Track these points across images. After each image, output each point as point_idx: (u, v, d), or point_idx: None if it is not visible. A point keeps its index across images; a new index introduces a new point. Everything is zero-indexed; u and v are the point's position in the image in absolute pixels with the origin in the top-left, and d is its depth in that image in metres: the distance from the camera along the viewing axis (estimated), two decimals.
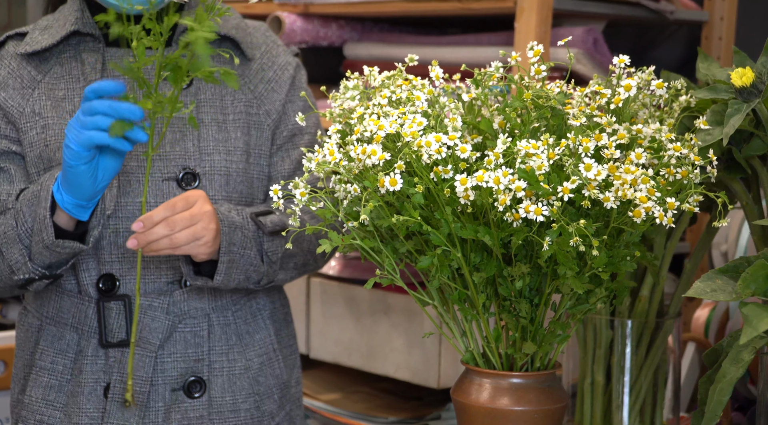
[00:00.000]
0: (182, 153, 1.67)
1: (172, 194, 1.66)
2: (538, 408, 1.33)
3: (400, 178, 1.24)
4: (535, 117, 1.30)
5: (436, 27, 2.53)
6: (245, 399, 1.74)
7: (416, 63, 1.39)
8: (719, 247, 2.16)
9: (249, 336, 1.76)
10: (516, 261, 1.30)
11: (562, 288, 1.30)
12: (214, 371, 1.71)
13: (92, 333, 1.68)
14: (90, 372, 1.68)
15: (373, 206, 1.26)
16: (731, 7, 2.39)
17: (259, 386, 1.76)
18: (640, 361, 1.59)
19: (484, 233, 1.26)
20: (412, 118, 1.27)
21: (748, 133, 1.42)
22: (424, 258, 1.29)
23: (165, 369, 1.68)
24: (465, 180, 1.22)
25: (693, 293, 1.26)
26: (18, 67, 1.69)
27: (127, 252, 1.66)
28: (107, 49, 1.69)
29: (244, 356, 1.74)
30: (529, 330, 1.33)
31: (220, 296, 1.72)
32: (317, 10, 2.36)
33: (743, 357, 1.27)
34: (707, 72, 1.51)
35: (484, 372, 1.35)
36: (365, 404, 2.35)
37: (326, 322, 2.36)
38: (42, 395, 1.70)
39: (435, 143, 1.24)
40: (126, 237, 1.65)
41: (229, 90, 1.72)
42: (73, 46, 1.70)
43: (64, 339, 1.70)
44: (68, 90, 1.68)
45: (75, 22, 1.68)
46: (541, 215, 1.22)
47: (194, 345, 1.70)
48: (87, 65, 1.68)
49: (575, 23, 2.25)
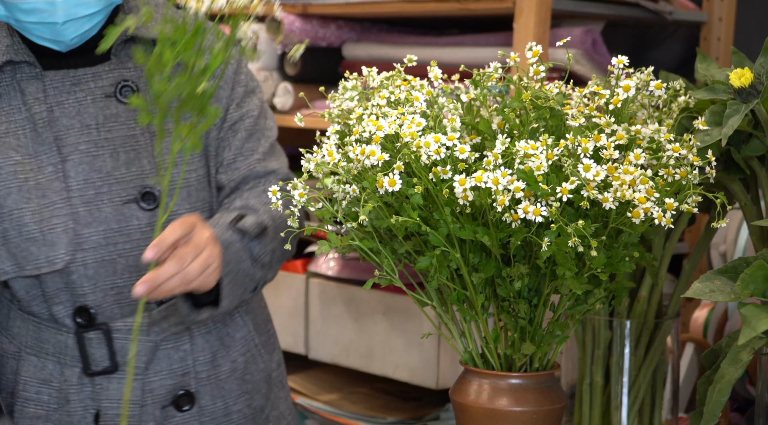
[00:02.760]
0: (139, 173, 1.61)
1: (135, 216, 1.60)
2: (536, 409, 1.33)
3: (399, 178, 1.24)
4: (533, 118, 1.30)
5: (434, 27, 2.53)
6: (236, 401, 1.72)
7: (415, 63, 1.39)
8: (718, 248, 2.16)
9: (230, 338, 1.73)
10: (515, 262, 1.30)
11: (561, 289, 1.30)
12: (201, 381, 1.68)
13: (75, 362, 1.64)
14: (77, 400, 1.64)
15: (371, 206, 1.25)
16: (730, 8, 2.39)
17: (247, 384, 1.74)
18: (638, 362, 1.59)
19: (483, 234, 1.26)
20: (411, 118, 1.27)
21: (747, 133, 1.42)
22: (422, 259, 1.29)
23: (153, 389, 1.65)
24: (464, 181, 1.22)
25: (692, 293, 1.26)
26: None
27: (98, 281, 1.61)
28: (45, 74, 1.61)
29: (228, 358, 1.72)
30: (528, 331, 1.33)
31: None
32: (316, 11, 2.36)
33: (742, 357, 1.27)
34: (706, 73, 1.51)
35: (482, 373, 1.35)
36: (364, 404, 2.35)
37: (325, 322, 2.36)
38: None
39: (434, 144, 1.24)
40: (95, 268, 1.60)
41: None
42: (8, 74, 1.62)
43: (47, 369, 1.65)
44: (9, 123, 1.60)
45: (6, 51, 1.60)
46: (539, 216, 1.22)
47: (178, 359, 1.66)
48: (28, 95, 1.60)
49: (574, 24, 2.25)
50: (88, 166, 1.60)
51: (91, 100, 1.62)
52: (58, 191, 1.59)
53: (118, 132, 1.62)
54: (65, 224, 1.58)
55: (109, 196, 1.60)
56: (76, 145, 1.60)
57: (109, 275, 1.61)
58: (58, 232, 1.58)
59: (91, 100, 1.62)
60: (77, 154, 1.60)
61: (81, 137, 1.61)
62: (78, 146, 1.60)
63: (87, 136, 1.61)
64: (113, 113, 1.62)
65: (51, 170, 1.59)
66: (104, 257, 1.60)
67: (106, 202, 1.60)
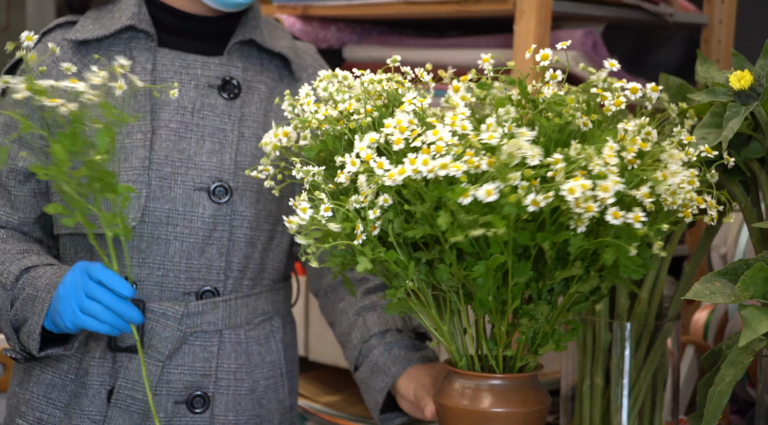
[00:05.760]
0: (218, 165, 1.66)
1: (201, 204, 1.64)
2: (519, 410, 1.33)
3: (494, 188, 1.20)
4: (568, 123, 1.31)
5: (435, 29, 2.53)
6: (247, 421, 1.72)
7: (399, 64, 1.40)
8: (718, 250, 2.16)
9: (260, 357, 1.73)
10: (562, 266, 1.29)
11: (583, 288, 1.30)
12: (220, 388, 1.69)
13: (102, 335, 1.65)
14: (96, 374, 1.66)
15: (448, 219, 1.21)
16: (730, 10, 2.40)
17: (261, 409, 1.74)
18: (639, 364, 1.59)
19: (542, 239, 1.24)
20: (487, 125, 1.24)
21: (747, 136, 1.42)
22: (478, 266, 1.26)
23: (170, 380, 1.66)
24: (547, 195, 1.20)
25: (692, 295, 1.26)
26: (62, 56, 1.65)
27: (147, 258, 1.64)
28: (159, 49, 1.67)
29: (251, 377, 1.72)
30: (545, 332, 1.33)
31: (235, 313, 1.70)
32: (316, 13, 2.36)
33: (742, 359, 1.27)
34: (706, 75, 1.51)
35: (465, 374, 1.34)
36: (364, 406, 2.35)
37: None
38: (44, 392, 1.68)
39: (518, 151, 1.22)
40: (149, 243, 1.63)
41: (274, 107, 1.72)
42: (124, 40, 1.67)
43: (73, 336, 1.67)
44: (111, 87, 1.66)
45: (131, 17, 1.65)
46: (633, 220, 1.21)
47: (203, 359, 1.67)
48: (137, 64, 1.66)
49: (574, 26, 2.25)
50: (173, 144, 1.64)
51: (194, 86, 1.67)
52: (141, 159, 1.63)
53: (210, 122, 1.67)
54: (138, 191, 1.62)
55: (183, 178, 1.64)
56: (168, 122, 1.65)
57: (161, 254, 1.64)
58: (131, 196, 1.61)
59: (194, 85, 1.67)
60: (165, 130, 1.65)
61: (174, 116, 1.65)
62: (169, 124, 1.65)
63: (180, 116, 1.65)
64: (211, 103, 1.67)
65: (140, 138, 1.63)
66: (161, 235, 1.64)
67: (179, 183, 1.64)
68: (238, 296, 1.69)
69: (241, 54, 1.71)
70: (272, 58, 1.74)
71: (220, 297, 1.67)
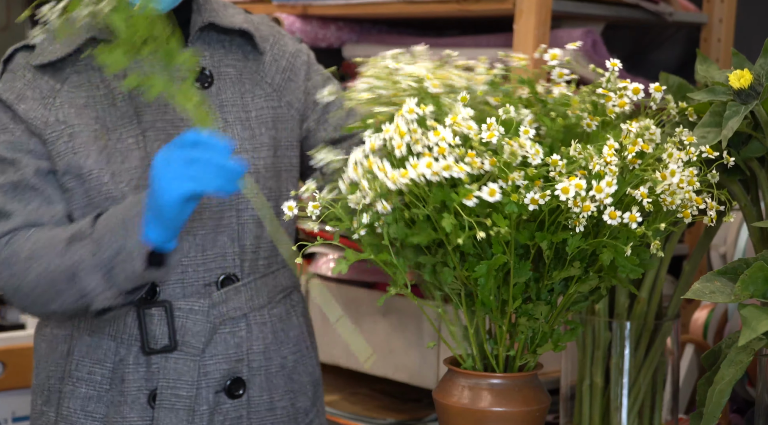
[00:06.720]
0: None
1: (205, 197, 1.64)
2: (520, 409, 1.33)
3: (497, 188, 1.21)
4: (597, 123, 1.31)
5: (434, 28, 2.53)
6: (281, 397, 1.73)
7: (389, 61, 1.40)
8: (718, 249, 2.16)
9: (284, 333, 1.75)
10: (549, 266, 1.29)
11: (581, 288, 1.30)
12: (253, 370, 1.70)
13: (132, 341, 1.65)
14: (132, 380, 1.65)
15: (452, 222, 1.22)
16: (730, 9, 2.39)
17: (293, 383, 1.75)
18: (638, 363, 1.59)
19: (541, 239, 1.25)
20: (488, 123, 1.24)
21: (747, 135, 1.42)
22: (480, 266, 1.26)
23: (208, 372, 1.67)
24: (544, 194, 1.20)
25: (692, 294, 1.26)
26: (33, 77, 1.65)
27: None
28: None
29: (279, 353, 1.74)
30: (544, 331, 1.33)
31: (257, 295, 1.71)
32: (316, 12, 2.36)
33: (742, 358, 1.27)
34: (706, 74, 1.52)
35: (466, 373, 1.34)
36: (364, 405, 2.35)
37: (325, 324, 2.36)
38: (81, 406, 1.66)
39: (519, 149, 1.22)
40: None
41: (248, 87, 1.71)
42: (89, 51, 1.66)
43: (101, 348, 1.66)
44: (89, 98, 1.65)
45: (89, 29, 1.63)
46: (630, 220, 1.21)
47: (234, 345, 1.68)
48: (107, 73, 1.61)
49: (574, 25, 2.25)
50: (164, 142, 1.63)
51: None
52: (140, 159, 1.62)
53: None
54: (145, 189, 1.58)
55: None
56: (153, 122, 1.64)
57: (177, 252, 1.61)
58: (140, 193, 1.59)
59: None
60: (153, 131, 1.64)
61: (157, 115, 1.65)
62: (155, 124, 1.65)
63: (163, 115, 1.65)
64: None
65: (132, 141, 1.63)
66: None
67: None
68: (257, 277, 1.71)
69: (203, 41, 1.70)
70: (233, 38, 1.72)
71: (240, 282, 1.68)
